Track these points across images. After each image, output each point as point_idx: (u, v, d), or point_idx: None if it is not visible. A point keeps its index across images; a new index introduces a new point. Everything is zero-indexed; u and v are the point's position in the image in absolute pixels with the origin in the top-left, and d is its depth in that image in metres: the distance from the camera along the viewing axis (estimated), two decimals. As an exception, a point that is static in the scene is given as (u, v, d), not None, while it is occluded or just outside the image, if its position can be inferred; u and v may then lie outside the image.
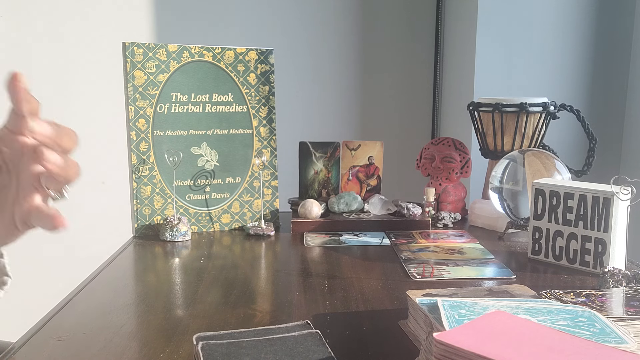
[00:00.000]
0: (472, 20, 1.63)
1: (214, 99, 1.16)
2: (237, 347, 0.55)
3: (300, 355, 0.54)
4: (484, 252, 1.00)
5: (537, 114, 1.21)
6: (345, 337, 0.66)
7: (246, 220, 1.19)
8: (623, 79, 1.66)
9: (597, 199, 0.87)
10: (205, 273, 0.90)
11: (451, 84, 1.86)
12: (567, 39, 1.63)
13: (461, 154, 1.26)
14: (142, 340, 0.65)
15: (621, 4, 1.63)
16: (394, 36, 1.92)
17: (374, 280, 0.85)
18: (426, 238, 1.09)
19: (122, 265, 0.96)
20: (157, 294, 0.81)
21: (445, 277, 0.86)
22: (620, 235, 0.87)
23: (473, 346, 0.45)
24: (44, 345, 0.64)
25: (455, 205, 1.25)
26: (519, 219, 1.07)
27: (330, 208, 1.18)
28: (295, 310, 0.74)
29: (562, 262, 0.92)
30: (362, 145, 1.23)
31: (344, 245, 1.05)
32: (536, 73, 1.64)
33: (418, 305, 0.61)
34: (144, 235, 1.12)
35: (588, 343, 0.49)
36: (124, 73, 1.10)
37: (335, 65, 1.91)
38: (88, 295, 0.80)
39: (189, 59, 1.14)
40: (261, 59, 1.18)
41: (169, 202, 1.14)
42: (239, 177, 1.19)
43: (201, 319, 0.71)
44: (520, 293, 0.71)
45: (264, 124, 1.19)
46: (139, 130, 1.11)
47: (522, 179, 1.06)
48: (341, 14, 1.89)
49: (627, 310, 0.62)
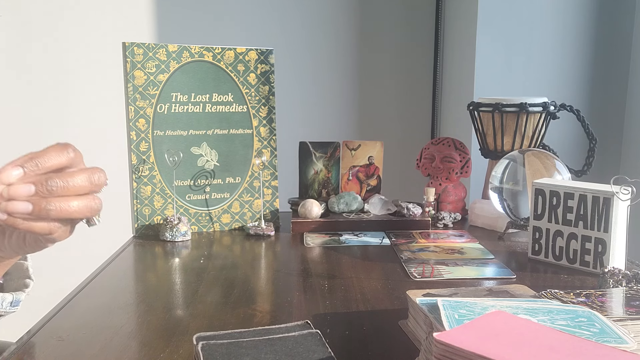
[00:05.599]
0: (472, 20, 1.63)
1: (214, 99, 1.16)
2: (237, 347, 0.55)
3: (300, 355, 0.54)
4: (484, 252, 1.00)
5: (537, 114, 1.21)
6: (345, 337, 0.66)
7: (246, 220, 1.19)
8: (623, 79, 1.66)
9: (597, 199, 0.87)
10: (205, 273, 0.90)
11: (451, 84, 1.86)
12: (567, 39, 1.63)
13: (461, 154, 1.26)
14: (142, 340, 0.65)
15: (621, 4, 1.63)
16: (394, 36, 1.92)
17: (374, 280, 0.85)
18: (426, 238, 1.09)
19: (122, 265, 0.96)
20: (157, 294, 0.81)
21: (445, 277, 0.86)
22: (620, 235, 0.87)
23: (473, 346, 0.45)
24: (44, 345, 0.64)
25: (455, 205, 1.25)
26: (519, 219, 1.07)
27: (330, 208, 1.18)
28: (295, 310, 0.74)
29: (562, 262, 0.92)
30: (362, 145, 1.23)
31: (344, 245, 1.05)
32: (536, 73, 1.64)
33: (418, 305, 0.61)
34: (144, 235, 1.12)
35: (588, 343, 0.49)
36: (124, 73, 1.10)
37: (335, 65, 1.91)
38: (88, 295, 0.80)
39: (189, 59, 1.14)
40: (261, 59, 1.18)
41: (169, 202, 1.14)
42: (239, 177, 1.19)
43: (201, 319, 0.71)
44: (520, 293, 0.71)
45: (264, 124, 1.19)
46: (139, 130, 1.11)
47: (522, 179, 1.06)
48: (341, 13, 1.89)
49: (627, 310, 0.62)
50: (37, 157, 0.48)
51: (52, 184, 0.47)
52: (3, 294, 0.62)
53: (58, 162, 0.48)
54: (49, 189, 0.47)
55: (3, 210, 0.46)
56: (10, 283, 0.66)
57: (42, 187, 0.47)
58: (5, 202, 0.46)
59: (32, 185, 0.47)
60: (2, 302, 0.61)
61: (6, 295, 0.62)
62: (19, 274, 0.67)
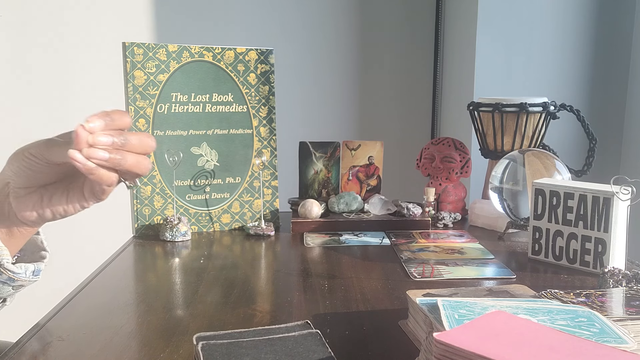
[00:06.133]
0: (472, 20, 1.63)
1: (214, 99, 1.16)
2: (237, 347, 0.55)
3: (300, 355, 0.54)
4: (484, 252, 1.00)
5: (537, 114, 1.21)
6: (345, 337, 0.66)
7: (246, 220, 1.19)
8: (623, 79, 1.66)
9: (597, 199, 0.87)
10: (205, 273, 0.90)
11: (451, 84, 1.86)
12: (567, 39, 1.63)
13: (461, 154, 1.26)
14: (142, 340, 0.65)
15: (621, 4, 1.63)
16: (394, 36, 1.92)
17: (374, 280, 0.85)
18: (426, 238, 1.09)
19: (122, 265, 0.96)
20: (157, 294, 0.81)
21: (445, 277, 0.86)
22: (620, 235, 0.87)
23: (473, 346, 0.45)
24: (44, 345, 0.64)
25: (455, 205, 1.25)
26: (519, 219, 1.07)
27: (330, 208, 1.18)
28: (295, 310, 0.74)
29: (562, 262, 0.92)
30: (362, 145, 1.23)
31: (344, 245, 1.05)
32: (536, 73, 1.64)
33: (418, 305, 0.61)
34: (144, 235, 1.12)
35: (588, 343, 0.49)
36: (124, 73, 1.10)
37: (335, 65, 1.92)
38: (88, 295, 0.80)
39: (189, 59, 1.14)
40: (261, 59, 1.18)
41: (169, 202, 1.14)
42: (239, 177, 1.19)
43: (201, 319, 0.71)
44: (520, 293, 0.71)
45: (264, 124, 1.19)
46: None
47: (522, 179, 1.06)
48: (341, 13, 1.89)
49: (627, 310, 0.62)
50: (111, 114, 0.54)
51: (127, 138, 0.54)
52: (25, 264, 0.65)
53: (125, 123, 0.55)
54: (123, 142, 0.54)
55: (86, 155, 0.52)
56: (25, 257, 0.68)
57: (119, 139, 0.53)
58: (87, 148, 0.52)
59: (111, 136, 0.53)
60: (26, 271, 0.64)
61: (29, 265, 0.65)
62: (33, 248, 0.69)
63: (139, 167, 0.55)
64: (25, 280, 0.64)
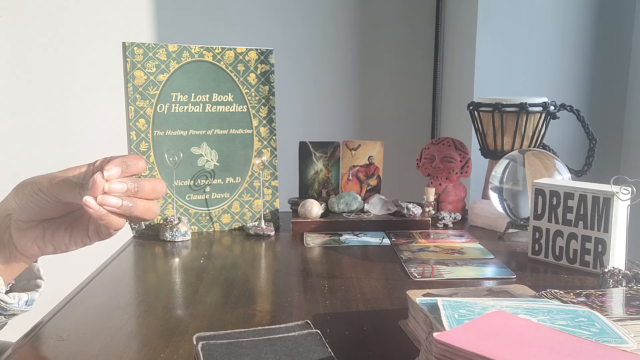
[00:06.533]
0: (472, 20, 1.63)
1: (214, 99, 1.16)
2: (237, 347, 0.55)
3: (300, 355, 0.54)
4: (484, 252, 1.00)
5: (537, 114, 1.21)
6: (345, 337, 0.66)
7: (246, 220, 1.19)
8: (623, 79, 1.66)
9: (597, 199, 0.87)
10: (205, 273, 0.90)
11: (451, 84, 1.86)
12: (567, 39, 1.63)
13: (461, 154, 1.26)
14: (142, 340, 0.65)
15: (621, 4, 1.63)
16: (394, 36, 1.92)
17: (374, 280, 0.85)
18: (426, 238, 1.09)
19: (122, 265, 0.96)
20: (157, 294, 0.81)
21: (445, 277, 0.86)
22: (620, 235, 0.87)
23: (473, 346, 0.45)
24: (44, 345, 0.64)
25: (455, 205, 1.25)
26: (519, 219, 1.07)
27: (330, 208, 1.18)
28: (295, 310, 0.74)
29: (562, 262, 0.92)
30: (362, 145, 1.23)
31: (344, 245, 1.05)
32: (536, 73, 1.64)
33: (418, 305, 0.61)
34: (144, 235, 1.12)
35: (588, 343, 0.49)
36: (124, 73, 1.10)
37: (335, 65, 1.92)
38: (88, 295, 0.80)
39: (189, 59, 1.14)
40: (261, 59, 1.18)
41: (169, 202, 1.14)
42: (239, 177, 1.19)
43: (201, 319, 0.71)
44: (520, 293, 0.71)
45: (264, 124, 1.19)
46: (139, 130, 1.11)
47: (522, 179, 1.06)
48: (341, 13, 1.89)
49: (627, 310, 0.62)
50: (127, 160, 0.54)
51: (141, 185, 0.54)
52: (19, 293, 0.64)
53: (139, 168, 0.56)
54: (137, 189, 0.54)
55: (100, 202, 0.52)
56: (19, 285, 0.67)
57: (132, 186, 0.54)
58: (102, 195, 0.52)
59: (125, 184, 0.54)
60: (19, 301, 0.64)
61: (22, 295, 0.65)
62: (29, 275, 0.69)
63: (148, 213, 0.56)
64: (18, 310, 0.63)
